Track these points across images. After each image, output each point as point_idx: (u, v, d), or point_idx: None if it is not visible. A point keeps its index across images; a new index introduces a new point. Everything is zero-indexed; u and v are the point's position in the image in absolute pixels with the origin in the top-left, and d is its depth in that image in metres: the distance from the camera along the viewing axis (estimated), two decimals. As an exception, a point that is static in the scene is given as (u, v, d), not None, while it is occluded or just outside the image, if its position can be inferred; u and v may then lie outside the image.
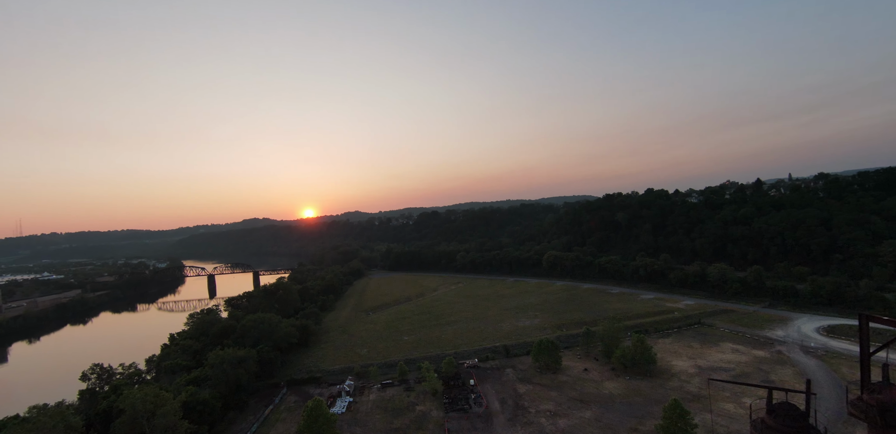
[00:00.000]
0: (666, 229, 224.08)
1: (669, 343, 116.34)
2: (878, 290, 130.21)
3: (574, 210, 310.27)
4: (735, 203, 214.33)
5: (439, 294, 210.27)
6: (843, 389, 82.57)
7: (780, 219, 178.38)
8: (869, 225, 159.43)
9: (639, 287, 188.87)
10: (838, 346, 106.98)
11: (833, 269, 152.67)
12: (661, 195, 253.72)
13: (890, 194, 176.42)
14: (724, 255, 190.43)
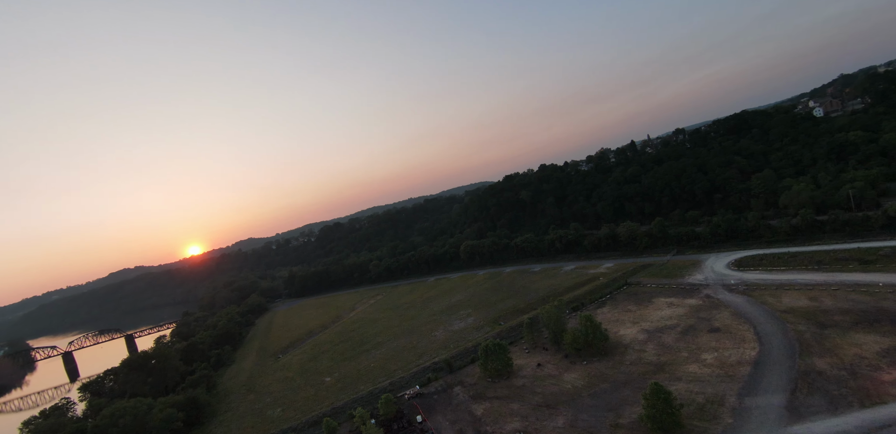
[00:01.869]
0: (567, 199, 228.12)
1: (608, 311, 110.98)
2: (762, 219, 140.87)
3: (478, 197, 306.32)
4: (622, 165, 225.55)
5: (358, 313, 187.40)
6: (785, 325, 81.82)
7: (664, 172, 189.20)
8: (735, 164, 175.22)
9: (558, 259, 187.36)
10: (751, 277, 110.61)
11: (718, 208, 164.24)
12: (556, 168, 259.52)
13: (741, 136, 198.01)
14: (624, 213, 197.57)
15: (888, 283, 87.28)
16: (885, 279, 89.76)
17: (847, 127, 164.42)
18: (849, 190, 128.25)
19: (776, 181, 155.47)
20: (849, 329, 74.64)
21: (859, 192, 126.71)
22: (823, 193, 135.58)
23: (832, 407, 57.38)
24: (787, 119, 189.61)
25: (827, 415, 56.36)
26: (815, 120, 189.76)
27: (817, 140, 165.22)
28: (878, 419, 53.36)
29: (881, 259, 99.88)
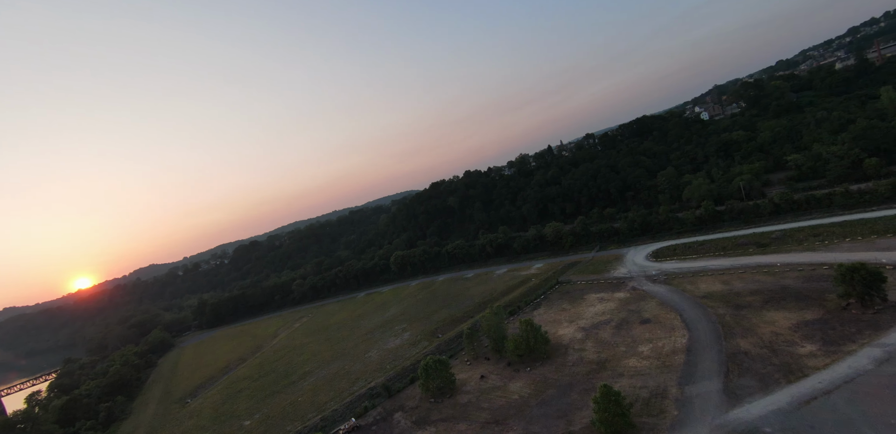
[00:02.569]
0: (494, 203, 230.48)
1: (544, 312, 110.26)
2: (671, 213, 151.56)
3: (406, 205, 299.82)
4: (542, 168, 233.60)
5: (282, 340, 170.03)
6: (706, 309, 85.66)
7: (581, 173, 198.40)
8: (642, 164, 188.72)
9: (490, 264, 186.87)
10: (669, 267, 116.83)
11: (632, 205, 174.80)
12: (481, 174, 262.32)
13: (644, 139, 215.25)
14: (548, 214, 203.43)
15: (784, 263, 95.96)
16: (780, 259, 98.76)
17: (730, 128, 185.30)
18: (739, 182, 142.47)
19: (678, 177, 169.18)
20: (760, 308, 79.74)
21: (748, 183, 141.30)
22: (718, 186, 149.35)
23: (763, 386, 59.23)
24: (680, 122, 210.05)
25: (760, 394, 57.89)
26: (703, 123, 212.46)
27: (707, 140, 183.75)
28: (805, 393, 55.69)
29: (774, 242, 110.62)
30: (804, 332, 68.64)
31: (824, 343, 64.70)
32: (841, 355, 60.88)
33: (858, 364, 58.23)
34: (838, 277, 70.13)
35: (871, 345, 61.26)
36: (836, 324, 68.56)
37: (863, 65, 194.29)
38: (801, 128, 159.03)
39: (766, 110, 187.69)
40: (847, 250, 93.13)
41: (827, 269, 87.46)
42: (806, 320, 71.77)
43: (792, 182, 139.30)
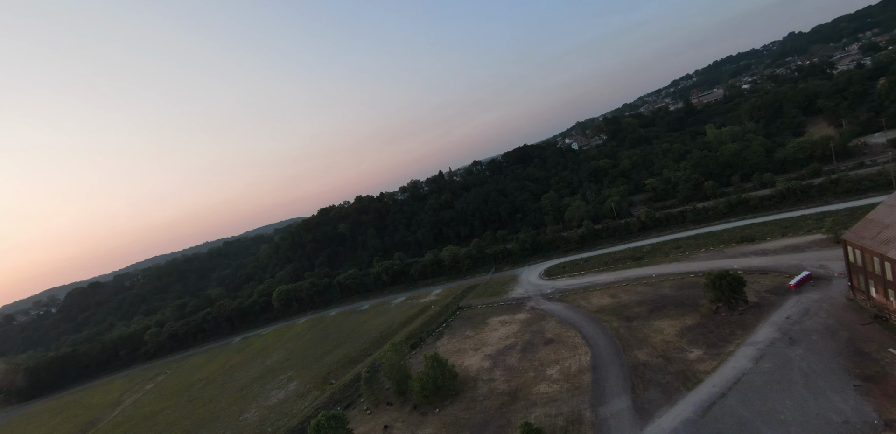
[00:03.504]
0: (388, 229, 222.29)
1: (448, 342, 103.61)
2: (557, 232, 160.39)
3: (291, 233, 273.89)
4: (435, 193, 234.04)
5: (127, 409, 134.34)
6: (601, 324, 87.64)
7: (473, 197, 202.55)
8: (527, 188, 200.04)
9: (386, 293, 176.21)
10: (561, 284, 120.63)
11: (521, 226, 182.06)
12: (373, 199, 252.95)
13: (527, 165, 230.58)
14: (444, 238, 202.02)
15: (658, 274, 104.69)
16: (654, 271, 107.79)
17: (597, 156, 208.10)
18: (611, 203, 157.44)
19: (559, 200, 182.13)
20: (648, 318, 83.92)
21: (617, 204, 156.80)
22: (594, 208, 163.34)
23: (667, 397, 59.66)
24: (556, 151, 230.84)
25: (667, 406, 57.95)
26: (575, 152, 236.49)
27: (580, 166, 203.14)
28: (704, 399, 57.03)
29: (646, 255, 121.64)
30: (689, 338, 72.78)
31: (707, 346, 68.91)
32: (724, 357, 64.92)
33: (740, 364, 62.31)
34: (709, 284, 76.68)
35: (745, 344, 66.68)
36: (713, 327, 74.23)
37: (689, 107, 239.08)
38: (652, 157, 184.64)
39: (623, 142, 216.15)
40: (705, 259, 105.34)
41: (693, 277, 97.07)
42: (687, 326, 76.69)
43: (651, 202, 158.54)
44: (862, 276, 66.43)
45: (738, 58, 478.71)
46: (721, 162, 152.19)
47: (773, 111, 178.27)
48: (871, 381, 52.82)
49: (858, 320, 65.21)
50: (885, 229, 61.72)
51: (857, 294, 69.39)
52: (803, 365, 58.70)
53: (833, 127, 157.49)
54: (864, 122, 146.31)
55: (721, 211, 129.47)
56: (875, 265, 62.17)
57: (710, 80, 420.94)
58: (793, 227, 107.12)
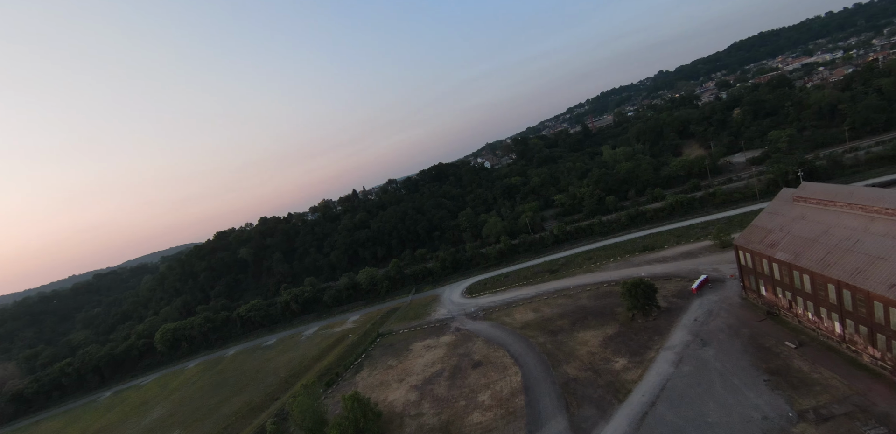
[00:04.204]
0: (297, 252, 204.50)
1: (368, 375, 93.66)
2: (476, 249, 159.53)
3: (181, 262, 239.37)
4: (349, 212, 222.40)
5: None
6: (528, 341, 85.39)
7: (389, 216, 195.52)
8: (444, 205, 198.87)
9: (296, 324, 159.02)
10: (483, 301, 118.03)
11: (440, 244, 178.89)
12: (280, 221, 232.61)
13: (443, 183, 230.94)
14: (360, 260, 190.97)
15: (575, 286, 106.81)
16: (571, 282, 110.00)
17: (509, 174, 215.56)
18: (525, 219, 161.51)
19: (476, 217, 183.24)
20: (571, 331, 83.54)
21: (531, 219, 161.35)
22: (510, 223, 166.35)
23: (601, 412, 57.64)
24: (471, 169, 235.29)
25: (602, 422, 55.76)
26: (488, 170, 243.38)
27: (494, 184, 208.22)
28: (637, 410, 55.86)
29: (562, 267, 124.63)
30: (612, 347, 72.97)
31: (630, 355, 69.36)
32: (646, 364, 65.42)
33: (662, 369, 63.00)
34: (625, 293, 78.53)
35: (664, 349, 68.19)
36: (632, 334, 75.54)
37: (586, 131, 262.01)
38: (558, 174, 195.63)
39: (532, 161, 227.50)
40: (615, 269, 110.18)
41: (607, 286, 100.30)
42: (609, 335, 77.28)
43: (561, 216, 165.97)
44: (753, 276, 72.55)
45: (620, 90, 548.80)
46: (618, 179, 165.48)
47: (655, 134, 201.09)
48: (777, 375, 55.91)
49: (754, 317, 70.59)
50: (769, 234, 68.14)
51: (749, 293, 75.65)
52: (717, 365, 60.91)
53: (704, 148, 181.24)
54: (728, 144, 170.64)
55: (623, 223, 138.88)
56: (764, 266, 68.06)
57: (599, 107, 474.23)
58: (684, 235, 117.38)
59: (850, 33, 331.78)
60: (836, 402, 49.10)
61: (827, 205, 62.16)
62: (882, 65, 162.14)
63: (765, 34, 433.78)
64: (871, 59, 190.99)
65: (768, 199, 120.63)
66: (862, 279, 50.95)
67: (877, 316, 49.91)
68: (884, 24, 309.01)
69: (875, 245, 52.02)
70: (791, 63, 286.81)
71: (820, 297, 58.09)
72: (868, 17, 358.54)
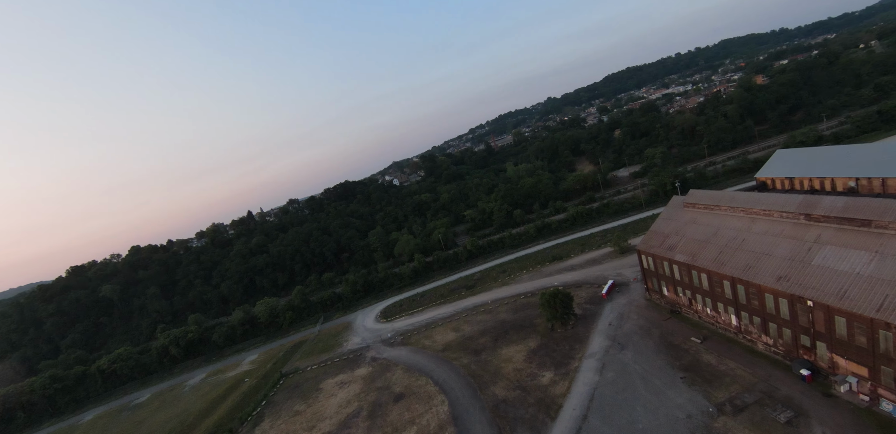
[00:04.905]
0: (180, 286, 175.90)
1: (271, 426, 79.73)
2: (389, 269, 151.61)
3: (19, 306, 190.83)
4: (244, 236, 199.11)
5: None
6: (451, 364, 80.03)
7: (291, 238, 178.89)
8: (352, 225, 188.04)
9: (177, 372, 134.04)
10: (400, 325, 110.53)
11: (350, 266, 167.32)
12: (157, 249, 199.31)
13: (350, 202, 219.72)
14: (258, 289, 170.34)
15: (493, 300, 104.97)
16: (489, 297, 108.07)
17: (418, 191, 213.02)
18: (438, 235, 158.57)
19: (386, 235, 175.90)
20: (495, 348, 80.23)
21: (444, 235, 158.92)
22: (422, 241, 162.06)
23: None
24: (379, 187, 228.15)
25: (538, 447, 51.97)
26: (397, 187, 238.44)
27: (404, 201, 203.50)
28: (570, 426, 53.29)
29: (478, 282, 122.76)
30: (537, 361, 70.80)
31: (555, 366, 67.65)
32: (572, 374, 64.00)
33: (588, 378, 61.92)
34: (544, 304, 77.77)
35: (586, 357, 67.69)
36: (554, 345, 74.44)
37: (489, 149, 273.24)
38: (467, 190, 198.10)
39: (440, 178, 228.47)
40: (528, 280, 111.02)
41: (524, 298, 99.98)
42: (532, 349, 75.32)
43: (472, 231, 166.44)
44: (655, 278, 76.64)
45: (516, 113, 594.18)
46: (523, 193, 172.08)
47: (552, 152, 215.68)
48: (691, 371, 57.73)
49: (660, 317, 74.04)
50: (667, 238, 72.59)
51: (652, 294, 79.80)
52: (637, 367, 61.53)
53: (593, 164, 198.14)
54: (613, 160, 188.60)
55: (532, 235, 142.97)
56: (665, 268, 72.06)
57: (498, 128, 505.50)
58: (587, 243, 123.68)
59: (695, 71, 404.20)
60: (746, 392, 51.44)
61: (713, 209, 67.96)
62: (724, 95, 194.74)
63: (631, 69, 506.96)
64: (716, 90, 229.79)
65: (653, 208, 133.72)
66: (752, 274, 55.15)
67: (768, 307, 54.07)
68: (718, 65, 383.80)
69: (759, 243, 57.06)
70: (654, 93, 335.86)
71: (717, 293, 62.23)
72: (706, 58, 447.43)
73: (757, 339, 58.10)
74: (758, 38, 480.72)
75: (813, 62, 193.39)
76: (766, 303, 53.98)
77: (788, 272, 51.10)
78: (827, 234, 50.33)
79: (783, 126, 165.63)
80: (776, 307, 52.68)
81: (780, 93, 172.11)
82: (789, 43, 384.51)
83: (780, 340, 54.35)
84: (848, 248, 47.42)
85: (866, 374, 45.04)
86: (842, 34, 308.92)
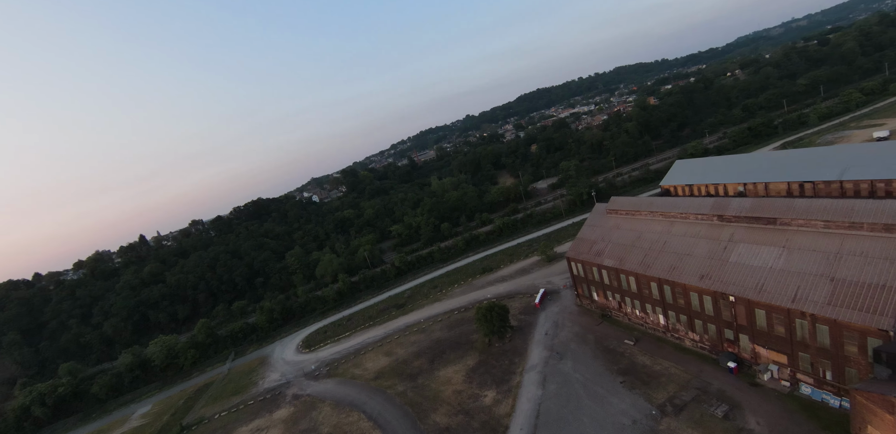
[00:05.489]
0: (48, 328, 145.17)
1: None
2: (310, 292, 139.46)
3: None
4: (134, 264, 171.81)
5: None
6: (386, 393, 72.87)
7: (194, 264, 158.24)
8: (267, 246, 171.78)
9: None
10: (326, 354, 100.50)
11: (265, 292, 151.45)
12: (15, 286, 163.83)
13: (264, 221, 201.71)
14: (150, 326, 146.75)
15: (426, 317, 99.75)
16: (421, 315, 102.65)
17: (340, 208, 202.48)
18: (363, 253, 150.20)
19: (306, 256, 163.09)
20: (432, 370, 74.86)
21: (370, 253, 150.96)
22: (347, 259, 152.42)
23: (483, 466, 49.28)
24: (297, 204, 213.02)
25: (487, 480, 47.23)
26: (317, 204, 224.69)
27: (325, 218, 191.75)
28: (519, 454, 49.50)
29: (408, 300, 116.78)
30: (478, 380, 66.84)
31: (497, 384, 64.17)
32: (515, 391, 60.97)
33: (531, 393, 59.19)
34: (480, 319, 74.57)
35: (527, 370, 65.17)
36: (493, 361, 71.13)
37: (413, 164, 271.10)
38: (392, 205, 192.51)
39: (363, 193, 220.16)
40: (461, 294, 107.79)
41: (458, 313, 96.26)
42: (471, 367, 71.31)
43: (400, 247, 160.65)
44: (585, 284, 77.48)
45: (437, 130, 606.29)
46: (448, 206, 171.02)
47: (474, 166, 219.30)
48: (629, 374, 57.56)
49: (593, 322, 74.50)
50: (594, 244, 73.83)
51: (583, 300, 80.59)
52: (578, 376, 60.20)
53: (514, 177, 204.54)
54: (532, 173, 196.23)
55: (461, 248, 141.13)
56: (594, 273, 73.00)
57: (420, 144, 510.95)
58: (515, 253, 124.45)
59: (595, 93, 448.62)
60: (682, 390, 51.96)
61: (635, 214, 70.50)
62: (624, 114, 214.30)
63: (541, 90, 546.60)
64: (616, 110, 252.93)
65: (573, 216, 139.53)
66: (677, 274, 56.95)
67: (693, 304, 55.91)
68: (614, 88, 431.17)
69: (680, 244, 59.43)
70: (562, 112, 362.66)
71: (645, 294, 63.71)
72: (604, 82, 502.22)
73: (684, 337, 59.96)
74: (645, 67, 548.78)
75: (693, 87, 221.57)
76: (691, 301, 55.86)
77: (710, 270, 53.35)
78: (739, 233, 53.58)
79: (674, 141, 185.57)
80: (701, 304, 54.62)
81: (670, 112, 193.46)
82: (670, 71, 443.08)
83: (705, 336, 56.35)
84: (759, 244, 50.59)
85: (785, 361, 47.57)
86: (712, 64, 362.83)
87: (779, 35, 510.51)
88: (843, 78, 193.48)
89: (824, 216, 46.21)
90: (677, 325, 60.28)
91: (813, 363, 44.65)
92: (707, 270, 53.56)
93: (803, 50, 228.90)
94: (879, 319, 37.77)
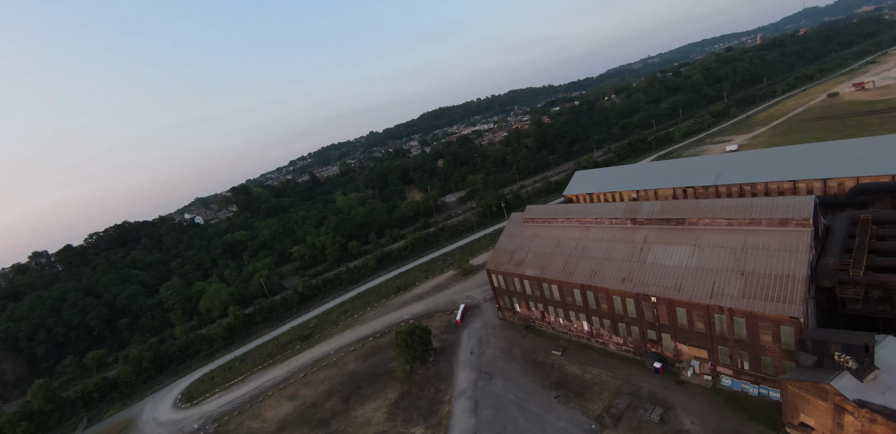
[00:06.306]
0: None
1: None
2: (192, 331, 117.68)
3: None
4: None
5: None
6: (291, 441, 60.61)
7: (29, 308, 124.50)
8: (135, 279, 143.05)
9: None
10: (213, 406, 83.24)
11: (132, 336, 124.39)
12: None
13: (131, 248, 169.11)
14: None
15: (337, 348, 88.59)
16: (331, 346, 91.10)
17: (231, 229, 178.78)
18: (259, 279, 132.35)
19: (187, 288, 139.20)
20: (348, 411, 64.89)
21: (267, 279, 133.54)
22: (239, 288, 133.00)
23: None
24: (175, 226, 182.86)
25: None
26: (201, 226, 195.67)
27: (211, 242, 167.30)
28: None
29: (315, 330, 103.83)
30: (402, 416, 58.87)
31: (424, 418, 57.01)
32: (445, 423, 54.65)
33: (464, 424, 53.27)
34: (400, 344, 67.06)
35: (455, 397, 59.18)
36: (417, 391, 63.86)
37: (315, 180, 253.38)
38: (292, 224, 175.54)
39: (258, 212, 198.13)
40: (375, 318, 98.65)
41: (373, 339, 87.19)
42: (394, 401, 63.11)
43: (303, 270, 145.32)
44: (506, 296, 74.60)
45: (339, 146, 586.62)
46: (356, 223, 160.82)
47: (382, 181, 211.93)
48: (562, 388, 54.67)
49: (517, 335, 71.49)
50: (514, 254, 71.50)
51: (505, 313, 77.60)
52: (511, 397, 55.85)
53: (423, 192, 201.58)
54: (440, 187, 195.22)
55: (372, 267, 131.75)
56: (516, 284, 70.39)
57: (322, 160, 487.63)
58: (430, 269, 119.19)
59: (493, 113, 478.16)
60: (616, 398, 50.19)
61: (551, 222, 69.81)
62: (523, 131, 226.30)
63: (443, 109, 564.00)
64: (515, 127, 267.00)
65: (485, 228, 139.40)
66: (599, 279, 56.19)
67: (616, 308, 55.34)
68: (509, 109, 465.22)
69: (599, 249, 59.18)
70: (464, 129, 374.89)
71: (568, 302, 62.31)
72: (500, 103, 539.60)
73: (609, 341, 59.30)
74: (535, 91, 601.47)
75: (579, 108, 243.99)
76: (614, 305, 55.30)
77: (629, 273, 53.28)
78: (653, 235, 54.63)
79: (568, 155, 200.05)
80: (624, 307, 54.21)
81: (563, 129, 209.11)
82: (556, 95, 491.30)
83: (629, 338, 56.03)
84: (672, 244, 51.74)
85: (706, 356, 48.33)
86: (591, 90, 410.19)
87: (639, 69, 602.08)
88: (694, 103, 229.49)
89: (727, 214, 48.58)
90: (601, 331, 59.49)
91: (731, 355, 45.68)
92: (627, 273, 53.44)
93: (662, 80, 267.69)
94: (790, 308, 39.28)
